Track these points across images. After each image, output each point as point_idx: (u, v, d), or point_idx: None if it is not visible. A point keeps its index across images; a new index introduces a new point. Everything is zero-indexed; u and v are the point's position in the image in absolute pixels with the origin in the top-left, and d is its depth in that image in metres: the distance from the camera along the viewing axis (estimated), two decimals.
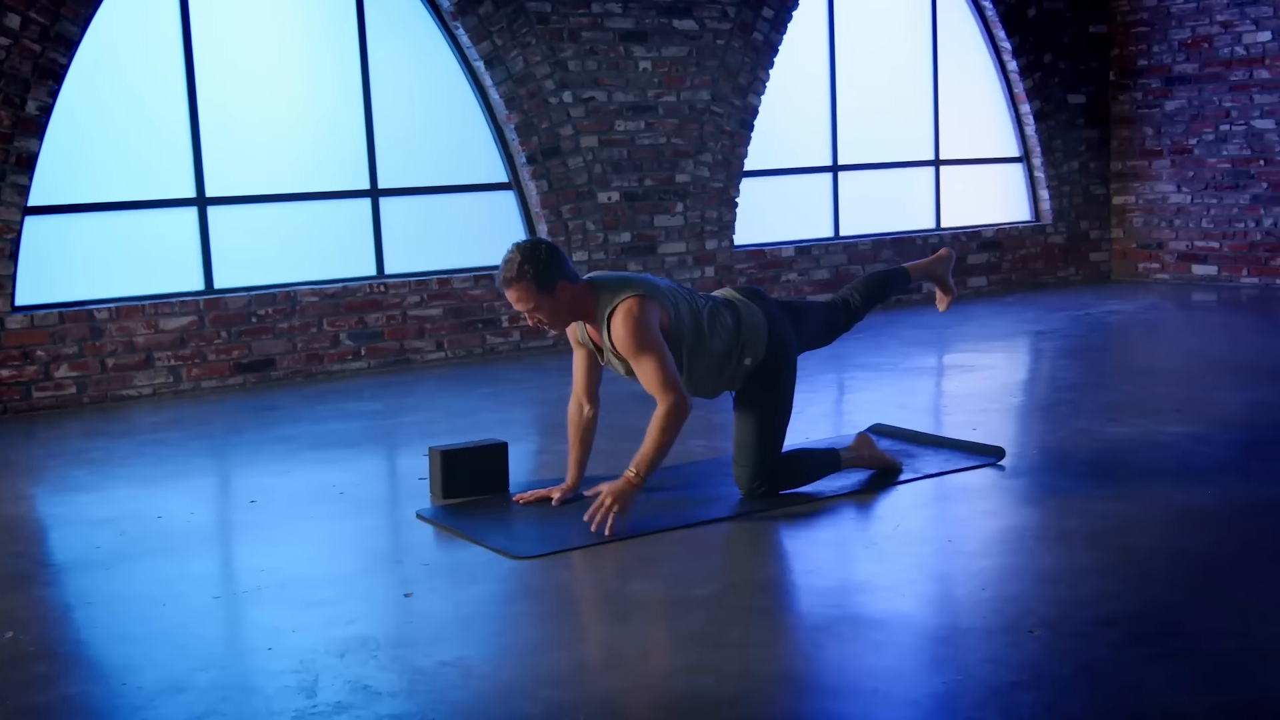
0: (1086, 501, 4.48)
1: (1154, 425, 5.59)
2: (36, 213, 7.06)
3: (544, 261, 4.29)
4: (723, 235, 9.18)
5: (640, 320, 4.27)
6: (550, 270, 4.30)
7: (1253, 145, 10.19)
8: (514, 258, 4.29)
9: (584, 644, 3.35)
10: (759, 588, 3.82)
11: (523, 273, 4.27)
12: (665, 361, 4.28)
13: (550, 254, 4.32)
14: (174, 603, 3.78)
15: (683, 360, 4.46)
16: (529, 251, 4.30)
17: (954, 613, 3.50)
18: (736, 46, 9.10)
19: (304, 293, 7.70)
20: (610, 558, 4.06)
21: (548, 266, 4.29)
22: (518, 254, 4.30)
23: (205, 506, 5.03)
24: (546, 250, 4.32)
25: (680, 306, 4.46)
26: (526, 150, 8.38)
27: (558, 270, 4.32)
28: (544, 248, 4.33)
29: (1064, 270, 10.99)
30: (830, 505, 4.58)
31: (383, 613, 3.66)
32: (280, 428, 6.32)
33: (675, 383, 4.27)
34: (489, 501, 4.71)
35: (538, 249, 4.32)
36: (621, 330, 4.28)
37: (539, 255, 4.29)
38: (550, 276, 4.30)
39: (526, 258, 4.28)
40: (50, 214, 7.13)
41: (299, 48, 7.90)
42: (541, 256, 4.29)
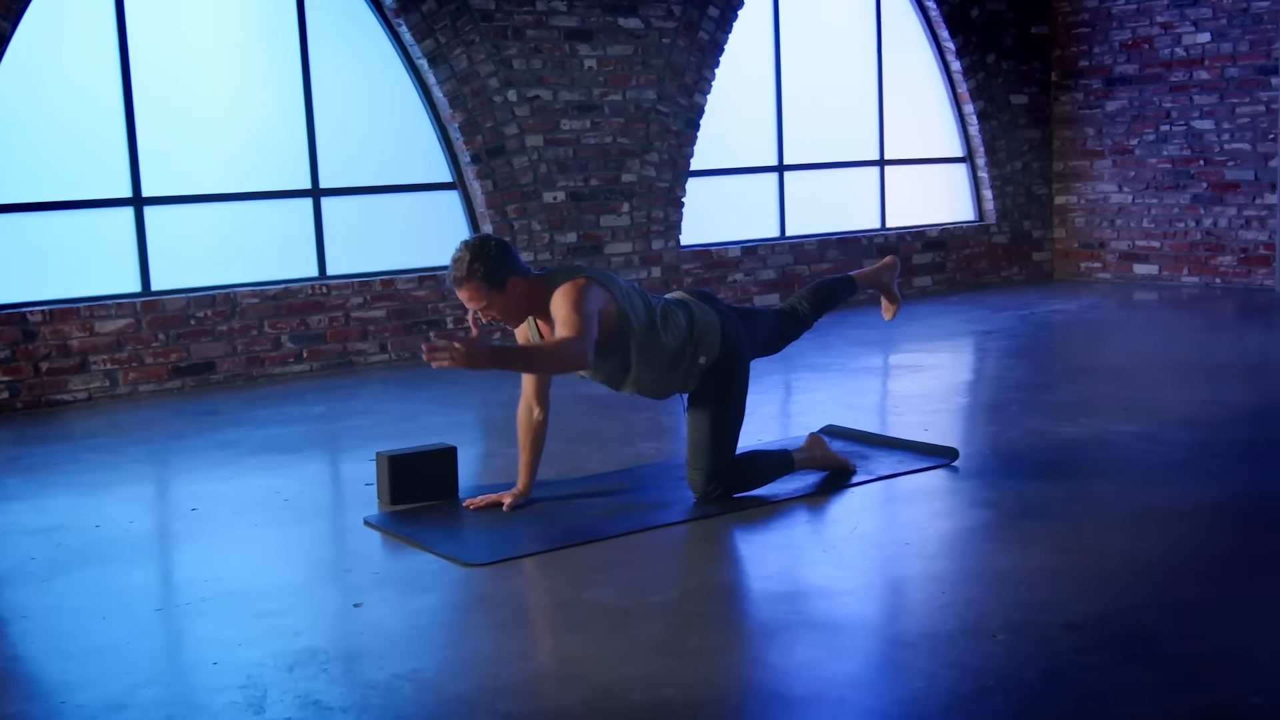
0: (1041, 503, 4.46)
1: (1103, 425, 5.60)
2: None
3: (494, 258, 4.21)
4: (669, 235, 9.12)
5: (580, 291, 4.20)
6: (501, 267, 4.22)
7: (1193, 145, 10.28)
8: (463, 256, 4.21)
9: (541, 654, 3.27)
10: (717, 593, 3.76)
11: (473, 271, 4.19)
12: (588, 325, 4.13)
13: (500, 250, 4.24)
14: (114, 616, 3.66)
15: (631, 356, 4.38)
16: (478, 249, 4.22)
17: (916, 617, 3.46)
18: (682, 45, 9.05)
19: (244, 294, 7.56)
20: (565, 564, 3.98)
21: (498, 263, 4.21)
22: (467, 252, 4.22)
23: (145, 515, 4.88)
24: (496, 247, 4.24)
25: (634, 300, 4.40)
26: (471, 149, 8.27)
27: (509, 266, 4.24)
28: (493, 244, 4.25)
29: (1007, 270, 11.04)
30: (785, 508, 4.53)
31: (332, 624, 3.56)
32: (221, 432, 6.18)
33: (587, 340, 4.11)
34: (439, 507, 4.62)
35: (487, 246, 4.24)
36: (559, 296, 4.20)
37: (489, 252, 4.22)
38: (501, 273, 4.22)
39: (476, 255, 4.20)
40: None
41: (238, 44, 7.75)
42: (491, 253, 4.22)
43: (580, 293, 4.20)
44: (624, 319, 4.33)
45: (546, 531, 4.28)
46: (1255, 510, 4.36)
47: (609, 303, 4.29)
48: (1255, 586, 3.64)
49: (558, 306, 4.19)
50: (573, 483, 4.91)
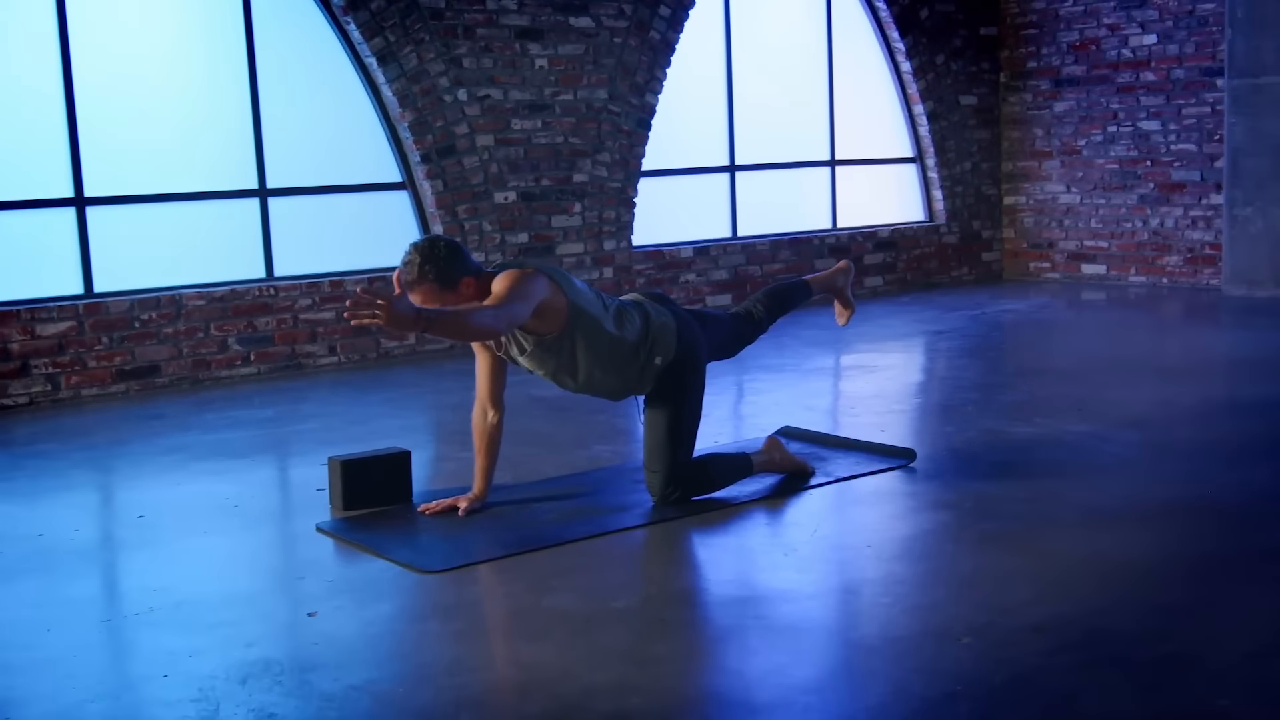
0: (1000, 504, 4.45)
1: (1057, 425, 5.61)
2: None
3: (444, 259, 4.14)
4: (621, 236, 9.07)
5: (521, 276, 4.14)
6: (452, 267, 4.15)
7: (1139, 146, 10.36)
8: (413, 259, 4.14)
9: (501, 663, 3.21)
10: (678, 598, 3.71)
11: (424, 273, 4.12)
12: (513, 302, 4.05)
13: (450, 251, 4.17)
14: (59, 628, 3.55)
15: (580, 351, 4.32)
16: (428, 250, 4.15)
17: (880, 621, 3.42)
18: (633, 45, 9.00)
19: (190, 296, 7.42)
20: (523, 570, 3.91)
21: (449, 263, 4.15)
22: (417, 254, 4.14)
23: (90, 523, 4.77)
24: (446, 247, 4.18)
25: (585, 296, 4.34)
26: (421, 149, 8.18)
27: (460, 266, 4.18)
28: (443, 245, 4.19)
29: (957, 270, 11.08)
30: (744, 511, 4.49)
31: (285, 634, 3.47)
32: (167, 437, 6.06)
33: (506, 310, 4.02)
34: (393, 513, 4.54)
35: (436, 247, 4.17)
36: (500, 278, 4.14)
37: (439, 253, 4.15)
38: (453, 273, 4.15)
39: (426, 257, 4.13)
40: None
41: (183, 40, 7.61)
42: (441, 254, 4.15)
43: (521, 277, 4.15)
44: (574, 312, 4.27)
45: (504, 537, 4.21)
46: (1208, 510, 4.37)
47: (555, 295, 4.23)
48: (1213, 587, 3.64)
49: (496, 283, 4.15)
50: (529, 486, 4.84)
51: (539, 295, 4.16)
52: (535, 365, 4.41)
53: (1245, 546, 3.99)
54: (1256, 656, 3.13)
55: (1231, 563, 3.84)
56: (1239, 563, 3.84)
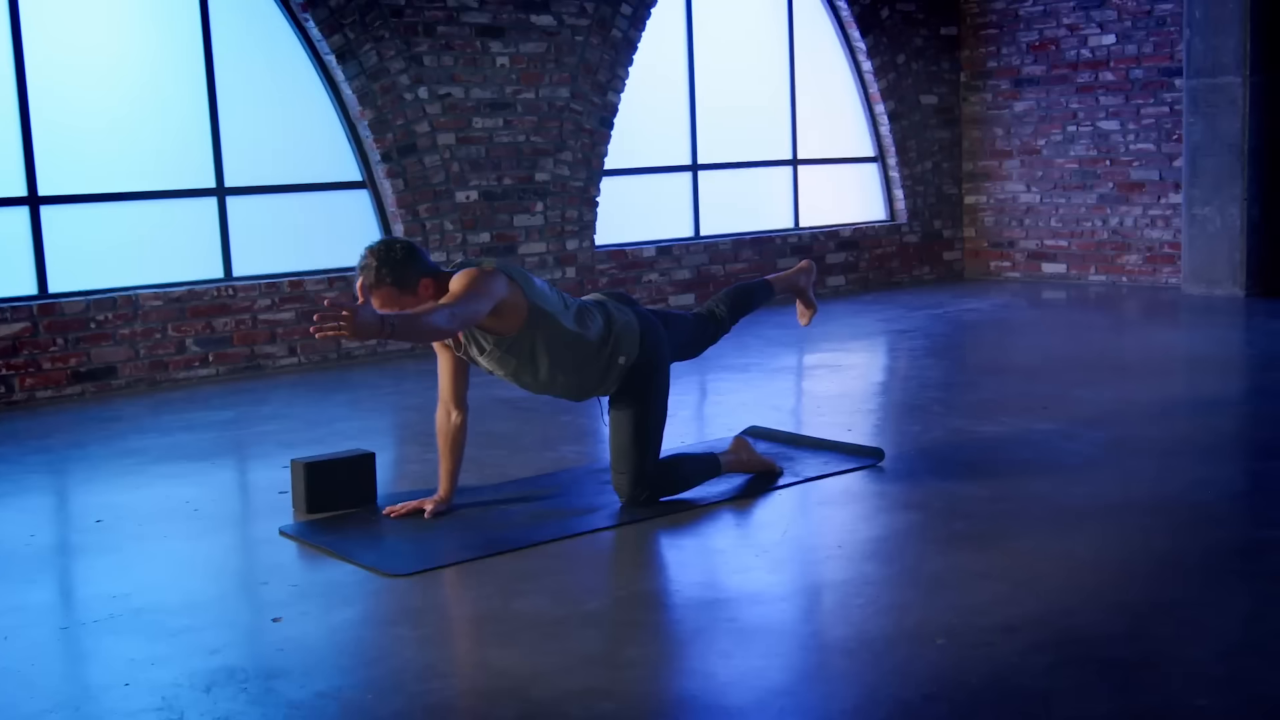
0: (969, 503, 4.44)
1: (1023, 423, 5.61)
2: None
3: (400, 262, 4.09)
4: (583, 235, 9.02)
5: (478, 274, 4.08)
6: (410, 269, 4.10)
7: (1099, 146, 10.41)
8: (369, 263, 4.08)
9: (472, 669, 3.16)
10: (649, 601, 3.66)
11: (381, 277, 4.06)
12: (469, 301, 3.99)
13: (406, 252, 4.12)
14: (16, 635, 3.47)
15: (540, 351, 4.26)
16: (384, 253, 4.09)
17: (853, 623, 3.39)
18: (595, 43, 8.95)
19: (146, 296, 7.31)
20: (491, 573, 3.86)
21: (405, 265, 4.10)
22: (373, 258, 4.09)
23: (46, 528, 4.67)
24: (403, 249, 4.12)
25: (546, 295, 4.30)
26: (381, 148, 8.10)
27: (418, 268, 4.13)
28: (399, 247, 4.13)
29: (918, 269, 11.10)
30: (713, 511, 4.45)
31: (250, 640, 3.41)
32: (125, 440, 5.96)
33: (460, 308, 3.96)
34: (357, 516, 4.47)
35: (392, 250, 4.11)
36: (456, 277, 4.08)
37: (395, 256, 4.09)
38: (411, 275, 4.10)
39: (382, 260, 4.07)
40: None
41: (138, 37, 7.50)
42: (398, 257, 4.10)
43: (479, 276, 4.10)
44: (534, 311, 4.22)
45: (471, 539, 4.16)
46: (1174, 509, 4.37)
47: (514, 294, 4.17)
48: (1182, 586, 3.64)
49: (453, 282, 4.09)
50: (495, 488, 4.79)
51: (497, 294, 4.11)
52: (495, 366, 4.36)
53: (1213, 544, 3.99)
54: (1229, 655, 3.12)
55: (1200, 561, 3.84)
56: (1207, 561, 3.84)
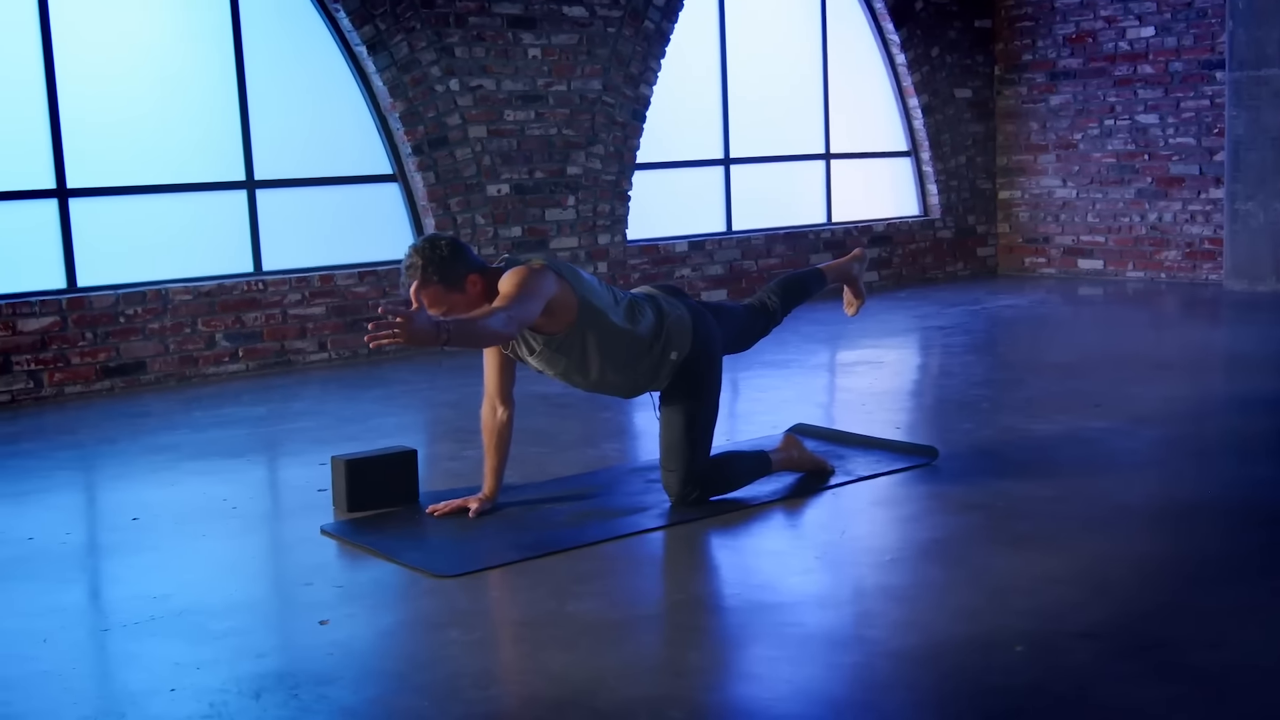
0: (1029, 504, 4.30)
1: (1076, 421, 5.46)
2: None
3: (447, 259, 3.96)
4: (615, 230, 8.89)
5: (529, 273, 3.95)
6: (456, 266, 3.97)
7: (1137, 140, 10.24)
8: (415, 261, 3.96)
9: (530, 675, 3.03)
10: (709, 605, 3.53)
11: (427, 275, 3.93)
12: (524, 301, 3.86)
13: (452, 249, 3.99)
14: (56, 638, 3.36)
15: (591, 349, 4.14)
16: (429, 251, 3.96)
17: (923, 628, 3.26)
18: (628, 35, 8.82)
19: (176, 291, 7.20)
20: (541, 575, 3.73)
21: (452, 263, 3.97)
22: (418, 256, 3.96)
23: (81, 526, 4.56)
24: (448, 246, 3.99)
25: (597, 291, 4.17)
26: (412, 140, 7.98)
27: (464, 264, 4.00)
28: (444, 244, 4.00)
29: (952, 265, 10.94)
30: (764, 512, 4.32)
31: (297, 643, 3.28)
32: (156, 436, 5.85)
33: (517, 309, 3.83)
34: (399, 514, 4.35)
35: (437, 247, 3.98)
36: (507, 276, 3.95)
37: (440, 253, 3.97)
38: (457, 272, 3.98)
39: (428, 259, 3.95)
40: None
41: (168, 28, 7.39)
42: (444, 254, 3.97)
43: (529, 274, 3.96)
44: (585, 308, 4.09)
45: (518, 539, 4.03)
46: (1239, 509, 4.22)
47: (565, 292, 4.05)
48: (1254, 589, 3.49)
49: (503, 283, 3.95)
50: (539, 486, 4.67)
51: (548, 292, 3.98)
52: (545, 365, 4.23)
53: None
54: None
55: (1272, 563, 3.70)
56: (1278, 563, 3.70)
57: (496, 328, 3.79)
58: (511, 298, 3.87)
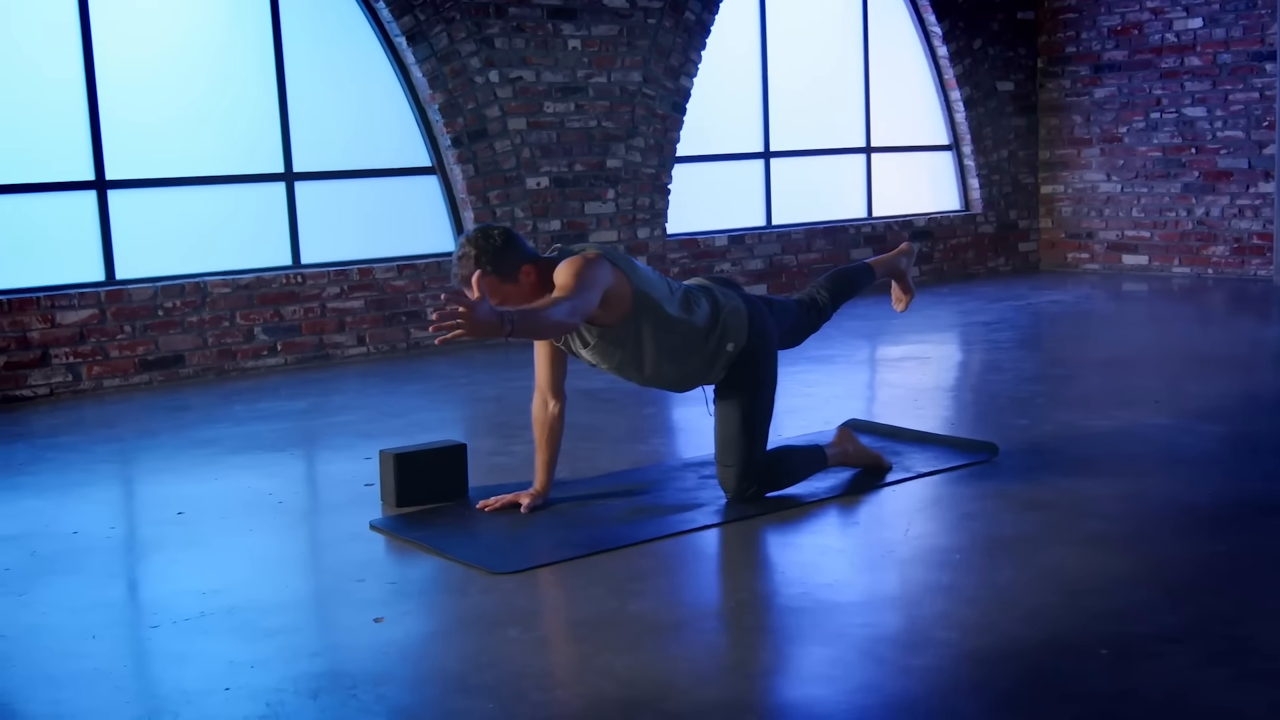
0: (1097, 502, 4.17)
1: (1135, 418, 5.33)
2: None
3: (500, 249, 3.86)
4: (655, 223, 8.78)
5: (585, 262, 3.84)
6: (509, 256, 3.87)
7: (1184, 133, 10.07)
8: (467, 251, 3.86)
9: (596, 676, 2.92)
10: (773, 604, 3.42)
11: (481, 266, 3.83)
12: (583, 291, 3.76)
13: (505, 239, 3.89)
14: (105, 634, 3.28)
15: (646, 340, 4.03)
16: (482, 241, 3.86)
17: (1000, 630, 3.14)
18: (668, 26, 8.71)
19: (214, 284, 7.14)
20: (598, 572, 3.63)
21: (504, 253, 3.87)
22: (471, 247, 3.86)
23: (125, 519, 4.48)
24: (501, 236, 3.89)
25: (652, 281, 4.06)
26: (451, 132, 7.89)
27: (518, 254, 3.90)
28: (497, 233, 3.90)
29: (994, 260, 10.79)
30: (821, 508, 4.21)
31: (352, 642, 3.19)
32: (197, 430, 5.78)
33: (578, 299, 3.73)
34: (449, 510, 4.26)
35: (490, 237, 3.88)
36: (562, 266, 3.84)
37: (493, 243, 3.86)
38: (511, 263, 3.88)
39: (481, 249, 3.84)
40: None
41: (207, 19, 7.32)
42: (497, 244, 3.87)
43: (585, 264, 3.85)
44: (640, 299, 3.98)
45: (573, 536, 3.93)
46: None
47: (620, 282, 3.94)
48: None
49: (559, 275, 3.85)
50: (590, 482, 4.57)
51: (604, 282, 3.88)
52: (599, 359, 4.13)
53: None
54: None
55: None
56: None
57: (560, 318, 3.70)
58: (571, 288, 3.77)
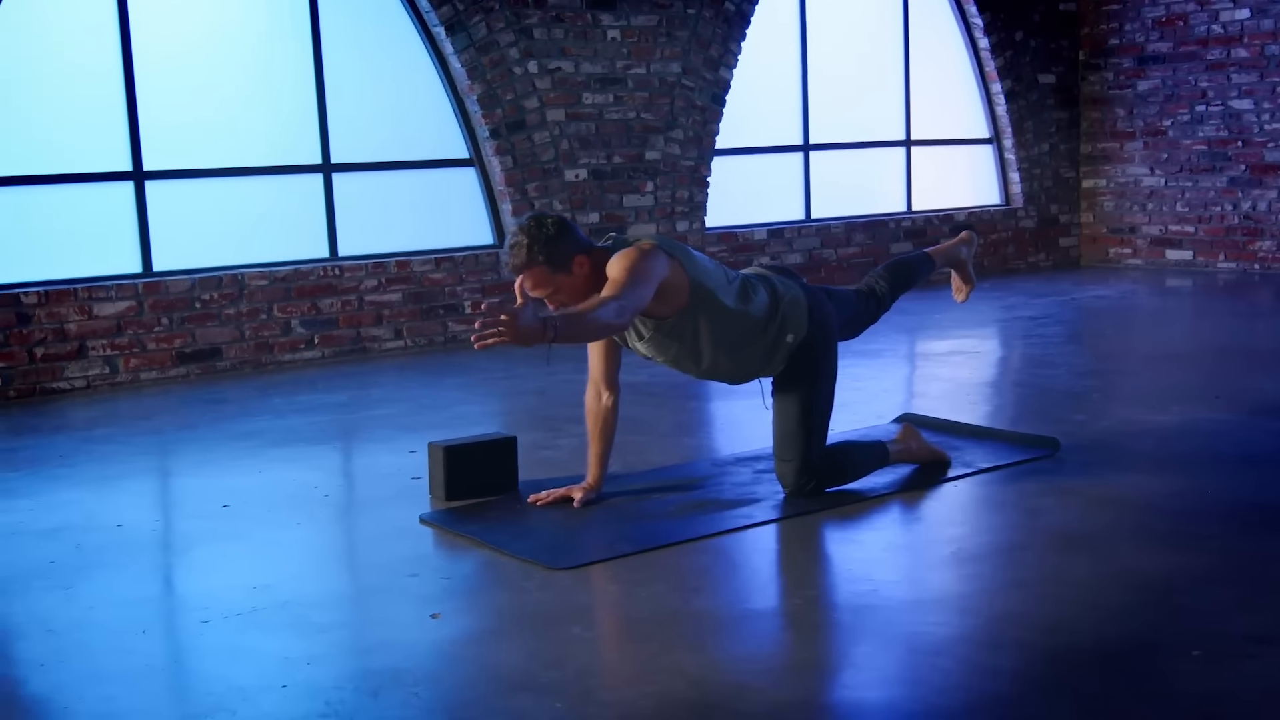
0: (1166, 499, 4.04)
1: (1195, 413, 5.19)
2: None
3: (553, 239, 3.75)
4: (694, 216, 8.67)
5: (640, 255, 3.72)
6: (562, 246, 3.76)
7: (1230, 126, 9.90)
8: (520, 241, 3.74)
9: (664, 675, 2.81)
10: (843, 603, 3.30)
11: (533, 256, 3.72)
12: (635, 287, 3.64)
13: (559, 228, 3.78)
14: (156, 629, 3.20)
15: (703, 332, 3.92)
16: (535, 231, 3.75)
17: (1082, 630, 3.02)
18: (708, 16, 8.59)
19: (252, 276, 7.06)
20: (659, 569, 3.53)
21: (558, 242, 3.76)
22: (524, 236, 3.75)
23: (170, 512, 4.39)
24: (554, 225, 3.78)
25: (709, 272, 3.94)
26: (490, 124, 7.79)
27: (571, 244, 3.79)
28: (550, 222, 3.79)
29: (1034, 255, 10.63)
30: (883, 504, 4.10)
31: (410, 638, 3.09)
32: (236, 423, 5.70)
33: (627, 298, 3.61)
34: (500, 503, 4.16)
35: (544, 226, 3.77)
36: (616, 259, 3.72)
37: (547, 232, 3.75)
38: (564, 253, 3.76)
39: (534, 238, 3.73)
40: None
41: (245, 9, 7.24)
42: (550, 233, 3.76)
43: (639, 256, 3.74)
44: (697, 290, 3.87)
45: (630, 531, 3.83)
46: None
47: (675, 273, 3.82)
48: None
49: (612, 268, 3.73)
50: (641, 476, 4.46)
51: (659, 274, 3.76)
52: (655, 352, 4.02)
53: None
54: None
55: None
56: None
57: (608, 319, 3.58)
58: (621, 284, 3.65)
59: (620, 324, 3.66)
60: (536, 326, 3.37)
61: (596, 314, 3.55)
